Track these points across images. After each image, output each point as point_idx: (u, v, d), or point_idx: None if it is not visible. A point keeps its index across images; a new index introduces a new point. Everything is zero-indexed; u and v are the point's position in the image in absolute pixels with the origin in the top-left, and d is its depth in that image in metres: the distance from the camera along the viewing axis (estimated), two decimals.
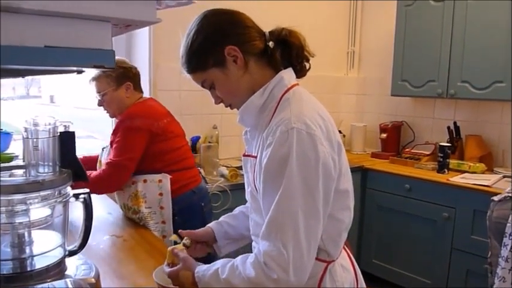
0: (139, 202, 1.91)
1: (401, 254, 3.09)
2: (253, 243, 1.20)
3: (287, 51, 1.10)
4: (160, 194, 1.91)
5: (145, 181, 1.91)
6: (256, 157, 1.07)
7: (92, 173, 1.89)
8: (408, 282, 3.06)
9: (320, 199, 0.97)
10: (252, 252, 1.03)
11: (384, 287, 3.20)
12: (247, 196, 1.19)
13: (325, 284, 1.09)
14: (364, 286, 1.24)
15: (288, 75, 1.09)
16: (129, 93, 2.01)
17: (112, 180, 1.89)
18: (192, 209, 1.97)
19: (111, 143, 1.94)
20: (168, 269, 1.15)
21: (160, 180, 1.91)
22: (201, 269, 1.06)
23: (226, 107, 1.14)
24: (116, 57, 2.05)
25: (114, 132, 1.93)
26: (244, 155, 1.16)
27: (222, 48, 1.04)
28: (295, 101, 1.04)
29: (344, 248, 1.19)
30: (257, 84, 1.08)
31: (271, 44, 1.07)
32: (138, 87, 2.06)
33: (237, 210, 1.37)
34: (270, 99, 1.07)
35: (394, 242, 3.13)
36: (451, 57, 3.00)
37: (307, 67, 1.15)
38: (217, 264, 1.03)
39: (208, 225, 1.34)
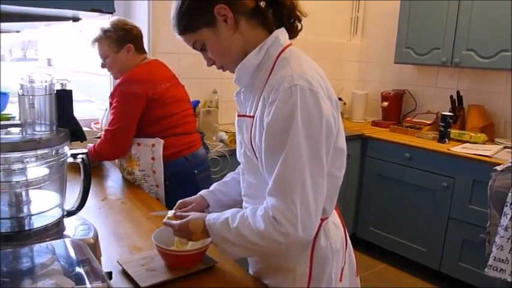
0: (133, 165, 1.93)
1: (398, 222, 3.13)
2: (244, 204, 1.21)
3: (279, 11, 1.08)
4: (153, 159, 1.91)
5: (139, 144, 1.92)
6: (252, 117, 1.06)
7: (96, 143, 1.92)
8: (404, 250, 3.10)
9: (324, 155, 0.98)
10: None
11: (380, 254, 3.26)
12: (240, 158, 1.18)
13: (320, 241, 1.11)
14: (350, 244, 1.26)
15: (282, 34, 1.08)
16: (131, 55, 1.98)
17: (115, 146, 1.91)
18: (183, 175, 1.96)
19: (110, 104, 1.94)
20: (175, 222, 1.15)
21: (153, 145, 1.91)
22: (212, 216, 1.08)
23: (218, 68, 1.13)
24: (117, 18, 2.01)
25: (112, 96, 1.92)
26: (239, 115, 1.15)
27: (211, 8, 1.02)
28: (294, 60, 1.03)
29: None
30: (249, 45, 1.06)
31: (262, 3, 1.05)
32: (140, 49, 2.02)
33: (228, 176, 1.38)
34: (266, 58, 1.06)
35: (392, 210, 3.16)
36: (458, 24, 2.94)
37: (299, 27, 1.13)
38: (227, 213, 1.05)
39: (201, 193, 1.34)
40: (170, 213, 1.23)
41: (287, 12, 1.08)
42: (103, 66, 2.02)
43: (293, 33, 1.12)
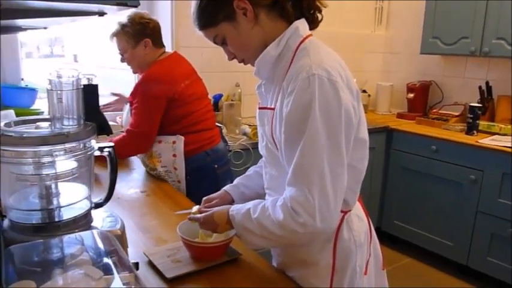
0: (155, 161, 1.95)
1: (424, 216, 3.08)
2: (267, 197, 1.21)
3: (298, 2, 1.07)
4: (174, 156, 1.92)
5: (160, 142, 1.94)
6: (273, 109, 1.06)
7: (115, 139, 1.92)
8: (430, 244, 3.05)
9: (344, 146, 0.98)
10: None
11: (405, 248, 3.22)
12: (262, 150, 1.19)
13: (343, 233, 1.11)
14: (376, 237, 1.25)
15: (302, 25, 1.07)
16: (148, 50, 1.98)
17: (133, 147, 1.94)
18: (204, 170, 1.97)
19: (131, 103, 1.95)
20: (200, 215, 1.17)
21: (174, 142, 1.92)
22: (235, 207, 1.10)
23: (239, 62, 1.14)
24: (134, 12, 2.00)
25: (133, 95, 1.93)
26: (260, 108, 1.16)
27: (230, 1, 1.02)
28: (313, 50, 1.02)
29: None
30: (269, 37, 1.06)
31: None
32: (158, 43, 2.02)
33: (251, 170, 1.39)
34: (286, 49, 1.06)
35: (418, 204, 3.11)
36: (487, 12, 2.85)
37: (320, 18, 1.12)
38: (249, 204, 1.07)
39: (224, 188, 1.36)
40: (195, 208, 1.25)
41: (307, 3, 1.08)
42: (122, 60, 2.03)
43: (313, 24, 1.11)
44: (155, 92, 1.87)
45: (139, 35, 1.95)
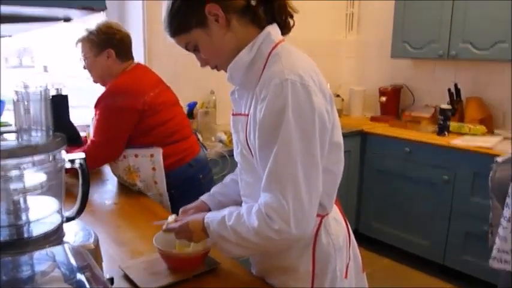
0: (134, 176, 1.87)
1: (400, 217, 3.12)
2: (243, 205, 1.19)
3: (270, 8, 1.07)
4: (154, 169, 1.86)
5: (136, 156, 1.86)
6: (247, 115, 1.06)
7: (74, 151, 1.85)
8: (407, 244, 3.10)
9: (318, 150, 0.97)
10: None
11: (383, 249, 3.25)
12: (237, 157, 1.18)
13: (321, 237, 1.10)
14: (354, 240, 1.25)
15: (274, 30, 1.07)
16: (111, 61, 1.89)
17: (95, 159, 1.83)
18: (189, 182, 1.92)
19: (95, 115, 1.87)
20: (175, 225, 1.16)
21: (152, 155, 1.85)
22: (211, 215, 1.09)
23: (212, 68, 1.13)
24: (104, 21, 1.95)
25: (96, 106, 1.85)
26: (234, 114, 1.15)
27: (202, 8, 1.01)
28: (285, 55, 1.02)
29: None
30: (242, 43, 1.05)
31: (253, 1, 1.04)
32: (123, 55, 1.93)
33: (227, 178, 1.38)
34: (258, 55, 1.05)
35: (394, 205, 3.15)
36: (453, 17, 2.93)
37: (292, 23, 1.12)
38: (225, 211, 1.06)
39: (201, 198, 1.34)
40: (171, 218, 1.23)
41: (278, 8, 1.07)
42: (84, 67, 1.95)
43: (286, 29, 1.11)
44: (120, 105, 1.79)
45: (103, 44, 1.88)
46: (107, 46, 1.88)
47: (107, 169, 2.17)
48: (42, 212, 0.98)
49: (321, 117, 0.97)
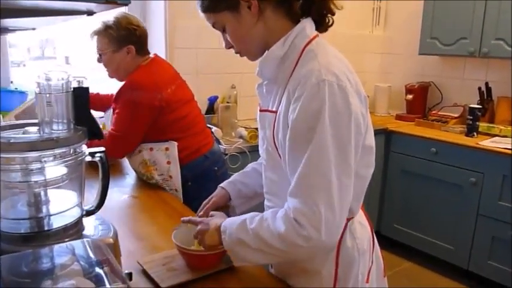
0: (151, 170, 1.89)
1: (424, 219, 3.07)
2: (266, 202, 1.18)
3: (309, 2, 1.04)
4: (168, 163, 1.87)
5: (151, 149, 1.88)
6: (275, 112, 1.03)
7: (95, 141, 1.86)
8: (430, 247, 3.04)
9: (352, 156, 0.95)
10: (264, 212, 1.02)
11: (405, 252, 3.20)
12: (262, 153, 1.16)
13: (346, 241, 1.08)
14: (377, 243, 1.24)
15: (309, 25, 1.04)
16: (130, 57, 1.89)
17: (113, 150, 1.79)
18: (205, 174, 1.93)
19: (113, 110, 1.88)
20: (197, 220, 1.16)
21: (167, 148, 1.86)
22: (230, 219, 1.06)
23: (236, 53, 1.11)
24: (122, 14, 1.94)
25: (116, 100, 1.86)
26: (261, 110, 1.13)
27: None
28: (321, 53, 0.99)
29: None
30: (272, 35, 1.03)
31: None
32: (142, 51, 1.93)
33: (249, 167, 1.36)
34: (291, 49, 1.02)
35: (417, 207, 3.10)
36: (486, 12, 2.85)
37: (330, 22, 1.08)
38: (246, 216, 1.03)
39: (221, 185, 1.33)
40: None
41: (318, 4, 1.04)
42: (99, 61, 1.93)
43: (322, 26, 1.08)
44: (139, 100, 1.80)
45: (123, 40, 1.86)
46: (127, 42, 1.87)
47: (126, 163, 2.20)
48: (62, 205, 0.99)
49: (356, 120, 0.95)
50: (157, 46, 2.63)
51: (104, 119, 2.25)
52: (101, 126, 1.88)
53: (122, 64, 1.90)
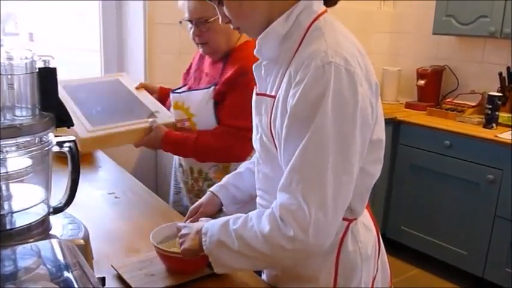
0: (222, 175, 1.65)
1: (435, 221, 3.11)
2: (258, 200, 1.19)
3: None
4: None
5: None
6: (274, 97, 1.03)
7: (200, 137, 1.73)
8: (441, 253, 3.09)
9: (355, 151, 0.95)
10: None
11: (413, 257, 3.25)
12: (256, 144, 1.15)
13: (347, 245, 1.08)
14: (384, 248, 1.25)
15: None
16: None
17: (233, 151, 1.71)
18: None
19: (218, 94, 1.74)
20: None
21: None
22: (212, 221, 1.06)
23: (234, 29, 1.10)
24: None
25: (228, 84, 1.71)
26: (258, 94, 1.13)
27: None
28: (328, 31, 0.99)
29: None
30: (276, 11, 1.03)
31: None
32: None
33: (242, 167, 1.36)
34: (295, 27, 1.02)
35: (428, 207, 3.13)
36: None
37: None
38: (230, 216, 1.03)
39: (212, 189, 1.32)
40: None
41: None
42: (197, 33, 1.75)
43: (331, 0, 1.08)
44: (253, 85, 1.65)
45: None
46: None
47: (99, 154, 2.20)
48: (26, 202, 1.00)
49: (363, 111, 0.95)
50: (133, 20, 2.61)
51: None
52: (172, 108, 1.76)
53: (230, 35, 1.75)
